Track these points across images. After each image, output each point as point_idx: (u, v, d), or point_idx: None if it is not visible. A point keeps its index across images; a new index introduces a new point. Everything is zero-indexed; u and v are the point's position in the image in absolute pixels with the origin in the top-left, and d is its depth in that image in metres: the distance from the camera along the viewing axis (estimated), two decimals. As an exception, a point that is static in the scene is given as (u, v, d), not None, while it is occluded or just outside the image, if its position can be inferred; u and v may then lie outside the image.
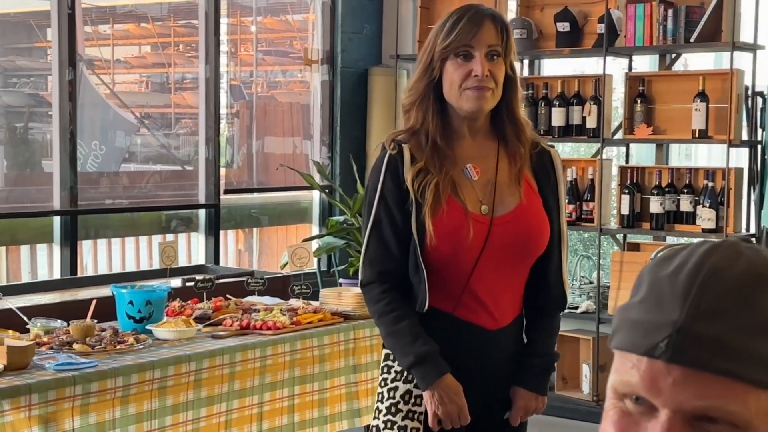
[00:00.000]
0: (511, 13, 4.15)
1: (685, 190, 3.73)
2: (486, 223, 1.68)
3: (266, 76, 4.86)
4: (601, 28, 3.87)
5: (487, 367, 1.75)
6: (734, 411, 0.47)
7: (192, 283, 2.85)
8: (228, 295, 2.79)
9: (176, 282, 3.08)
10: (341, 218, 3.97)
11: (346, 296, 2.95)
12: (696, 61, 4.54)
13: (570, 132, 3.98)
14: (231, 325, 2.50)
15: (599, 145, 3.91)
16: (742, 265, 0.48)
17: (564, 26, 3.94)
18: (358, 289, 3.43)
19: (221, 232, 4.26)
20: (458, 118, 1.72)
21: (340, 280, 3.79)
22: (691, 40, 3.69)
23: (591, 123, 3.88)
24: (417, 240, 1.66)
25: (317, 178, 4.15)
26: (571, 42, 3.97)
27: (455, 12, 1.72)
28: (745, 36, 3.77)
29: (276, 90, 4.96)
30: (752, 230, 3.83)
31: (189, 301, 2.71)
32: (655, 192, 3.72)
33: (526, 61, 4.29)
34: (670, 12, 3.73)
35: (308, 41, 4.51)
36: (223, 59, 4.24)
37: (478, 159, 1.74)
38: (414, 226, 1.66)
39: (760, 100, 3.74)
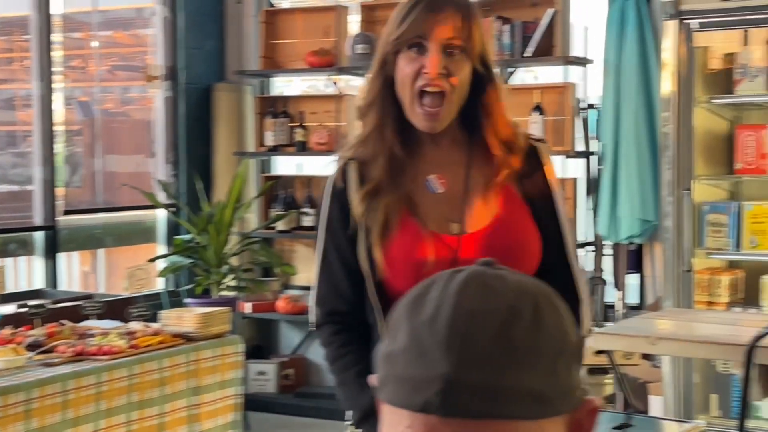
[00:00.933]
0: (354, 26, 4.24)
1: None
2: (453, 244, 1.43)
3: (109, 92, 4.71)
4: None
5: None
6: None
7: (24, 309, 2.74)
8: (63, 321, 2.66)
9: (9, 308, 2.94)
10: (187, 237, 3.93)
11: (188, 317, 2.88)
12: (529, 75, 4.80)
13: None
14: (65, 352, 2.39)
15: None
16: (494, 302, 0.48)
17: (407, 42, 4.10)
18: (200, 309, 3.38)
19: (65, 255, 4.06)
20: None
21: (187, 300, 3.72)
22: (527, 54, 3.85)
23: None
24: (370, 273, 1.41)
25: (162, 196, 4.07)
26: (416, 56, 4.11)
27: None
28: (577, 51, 4.00)
29: (120, 107, 4.81)
30: (590, 238, 4.01)
31: (21, 328, 2.57)
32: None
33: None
34: (507, 27, 3.88)
35: (150, 57, 4.40)
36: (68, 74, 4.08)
37: (445, 167, 1.48)
38: (363, 257, 1.41)
39: (592, 112, 4.01)
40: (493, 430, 0.46)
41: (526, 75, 4.63)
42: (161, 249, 4.35)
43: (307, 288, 4.76)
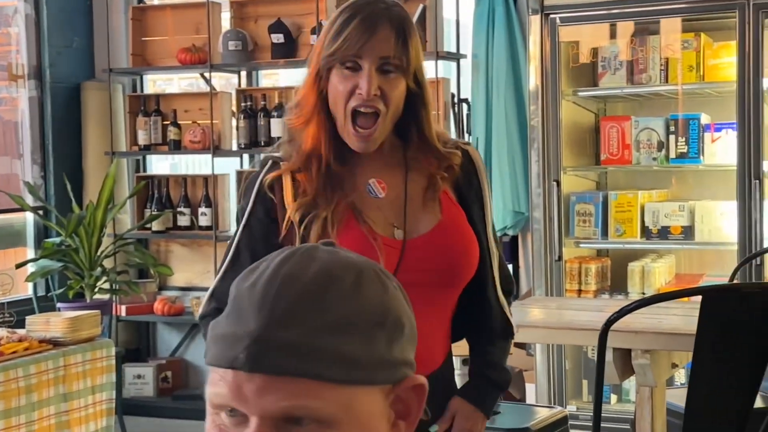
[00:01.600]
0: (225, 23, 4.18)
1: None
2: (398, 248, 1.43)
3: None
4: (314, 39, 4.03)
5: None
6: (315, 407, 0.49)
7: None
8: None
9: None
10: (57, 240, 3.76)
11: (56, 321, 2.81)
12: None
13: (294, 142, 4.12)
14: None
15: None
16: (314, 269, 0.50)
17: (278, 38, 4.05)
18: (69, 313, 3.30)
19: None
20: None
21: (59, 305, 3.57)
22: (398, 49, 3.91)
23: (309, 132, 4.05)
24: None
25: (30, 199, 3.89)
26: (286, 53, 4.09)
27: (347, 8, 1.42)
28: (450, 45, 4.07)
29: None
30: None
31: None
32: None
33: (243, 73, 4.36)
34: (377, 22, 3.91)
35: (12, 56, 4.20)
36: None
37: (384, 172, 1.48)
38: None
39: (465, 106, 4.10)
40: (298, 388, 0.48)
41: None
42: (30, 253, 4.17)
43: (185, 289, 4.68)
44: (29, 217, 4.16)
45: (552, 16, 3.40)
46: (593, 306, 3.05)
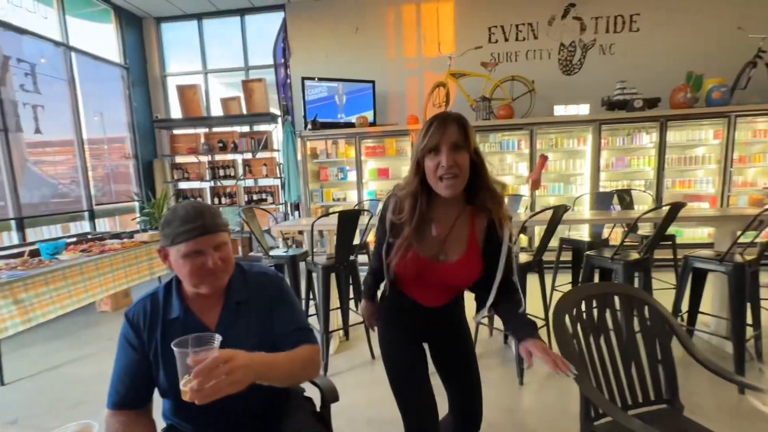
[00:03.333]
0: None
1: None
2: (432, 265, 2.23)
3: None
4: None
5: (432, 321, 2.43)
6: (227, 241, 2.07)
7: None
8: None
9: None
10: (146, 210, 9.61)
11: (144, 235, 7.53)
12: None
13: None
14: None
15: None
16: (205, 205, 2.10)
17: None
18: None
19: None
20: (440, 196, 2.18)
21: (140, 238, 9.37)
22: None
23: None
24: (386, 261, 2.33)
25: (135, 197, 9.88)
26: (230, 147, 10.04)
27: (430, 120, 2.12)
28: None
29: None
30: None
31: None
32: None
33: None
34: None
35: (128, 146, 10.18)
36: None
37: (442, 220, 2.21)
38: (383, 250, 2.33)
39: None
40: (219, 237, 2.11)
41: None
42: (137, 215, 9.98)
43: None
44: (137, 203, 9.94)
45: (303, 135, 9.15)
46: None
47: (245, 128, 9.60)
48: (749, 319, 4.34)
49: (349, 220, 4.35)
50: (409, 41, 8.78)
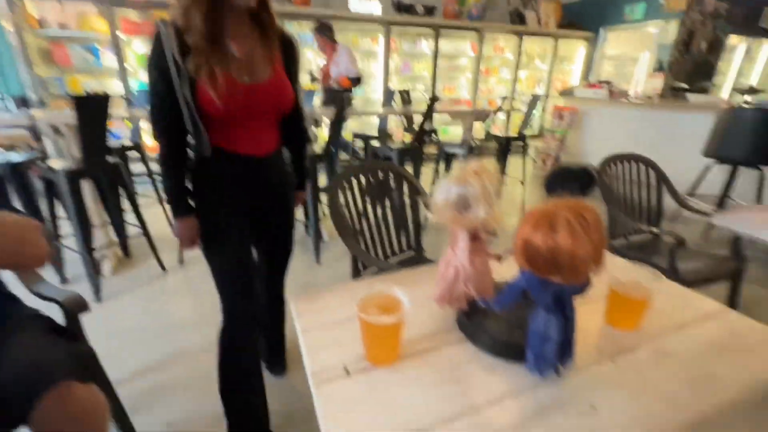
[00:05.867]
0: None
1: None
2: (245, 88, 1.93)
3: None
4: None
5: (261, 182, 2.13)
6: None
7: None
8: None
9: None
10: None
11: None
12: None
13: None
14: None
15: None
16: None
17: None
18: None
19: None
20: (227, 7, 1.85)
21: None
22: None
23: None
24: (192, 102, 1.86)
25: None
26: None
27: None
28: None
29: None
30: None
31: None
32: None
33: None
34: None
35: None
36: None
37: (241, 39, 1.93)
38: (186, 92, 1.84)
39: None
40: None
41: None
42: None
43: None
44: None
45: None
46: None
47: None
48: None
49: (93, 106, 3.40)
50: None
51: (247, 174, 2.08)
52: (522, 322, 1.41)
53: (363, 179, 2.57)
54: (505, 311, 1.49)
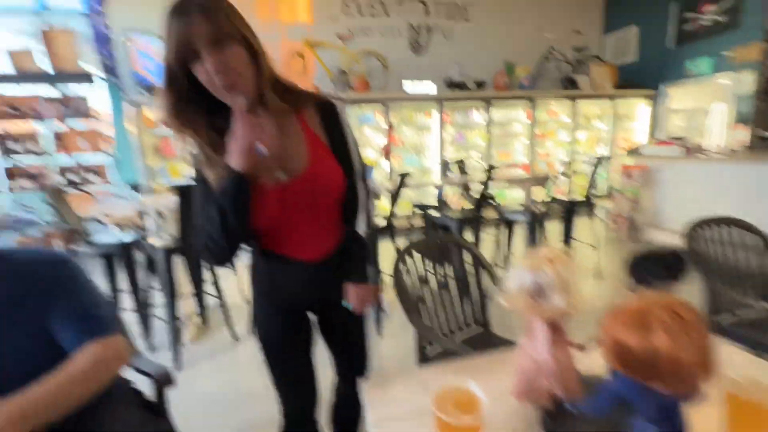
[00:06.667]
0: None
1: None
2: (282, 188, 1.64)
3: None
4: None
5: (319, 285, 1.82)
6: None
7: None
8: None
9: None
10: None
11: None
12: None
13: None
14: None
15: None
16: None
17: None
18: None
19: None
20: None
21: None
22: None
23: None
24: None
25: None
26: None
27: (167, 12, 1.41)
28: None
29: None
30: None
31: None
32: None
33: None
34: None
35: None
36: None
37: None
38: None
39: None
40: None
41: None
42: None
43: None
44: None
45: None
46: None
47: (51, 92, 7.29)
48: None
49: (189, 193, 3.75)
50: (263, 2, 7.91)
51: (302, 279, 1.82)
52: (619, 429, 1.21)
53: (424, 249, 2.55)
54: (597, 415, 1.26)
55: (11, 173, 7.14)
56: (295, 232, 1.74)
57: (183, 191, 3.73)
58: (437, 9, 8.95)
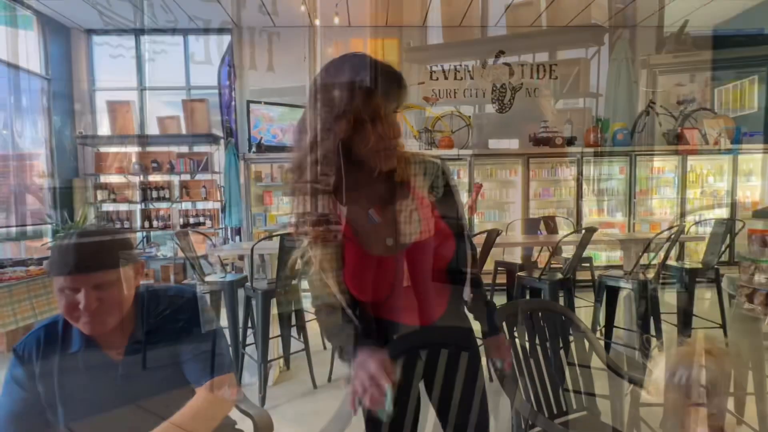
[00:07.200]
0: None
1: None
2: (394, 257, 1.58)
3: None
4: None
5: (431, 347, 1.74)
6: None
7: None
8: None
9: None
10: None
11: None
12: None
13: None
14: None
15: None
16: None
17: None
18: None
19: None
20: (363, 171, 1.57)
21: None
22: None
23: None
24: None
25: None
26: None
27: (344, 69, 1.56)
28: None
29: None
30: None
31: None
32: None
33: None
34: None
35: None
36: None
37: (374, 199, 1.60)
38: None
39: None
40: (100, 277, 1.66)
41: None
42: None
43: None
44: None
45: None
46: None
47: (184, 149, 9.06)
48: (653, 330, 4.60)
49: (291, 242, 3.77)
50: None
51: (413, 343, 1.77)
52: None
53: (521, 318, 2.36)
54: None
55: (147, 215, 8.98)
56: (408, 296, 1.69)
57: (282, 237, 3.96)
58: (521, 70, 9.31)
